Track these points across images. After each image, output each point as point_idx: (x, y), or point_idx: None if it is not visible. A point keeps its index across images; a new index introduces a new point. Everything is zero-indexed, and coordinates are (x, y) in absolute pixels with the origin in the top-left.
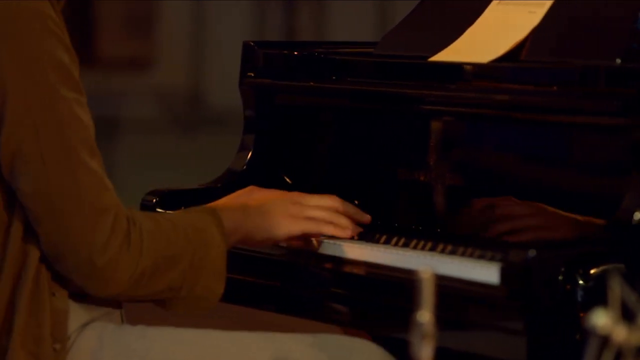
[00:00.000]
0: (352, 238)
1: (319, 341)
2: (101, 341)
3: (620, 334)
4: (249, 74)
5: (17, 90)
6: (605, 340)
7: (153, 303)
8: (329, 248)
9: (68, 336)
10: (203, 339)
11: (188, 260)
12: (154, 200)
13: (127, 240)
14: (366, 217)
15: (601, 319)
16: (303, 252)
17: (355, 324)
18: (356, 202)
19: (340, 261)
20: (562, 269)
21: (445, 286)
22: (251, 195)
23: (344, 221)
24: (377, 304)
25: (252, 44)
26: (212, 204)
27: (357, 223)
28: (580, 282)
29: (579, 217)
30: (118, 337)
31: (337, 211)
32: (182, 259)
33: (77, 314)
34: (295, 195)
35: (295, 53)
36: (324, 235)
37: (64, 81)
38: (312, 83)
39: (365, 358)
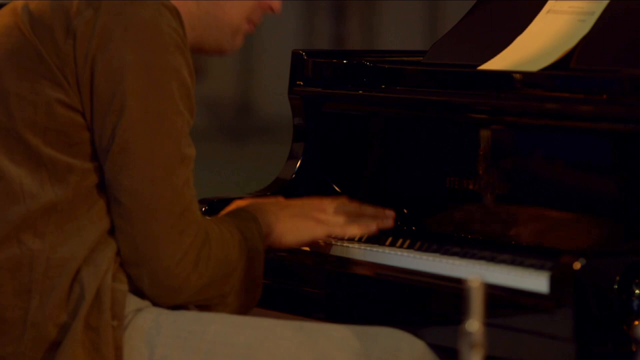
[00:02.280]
0: (398, 246)
1: (367, 331)
2: (157, 322)
3: None
4: (298, 82)
5: (142, 92)
6: None
7: (195, 306)
8: (377, 256)
9: (125, 315)
10: (258, 323)
11: (239, 270)
12: (203, 209)
13: (199, 256)
14: (390, 219)
15: None
16: (351, 260)
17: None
18: (405, 210)
19: (389, 269)
20: (618, 278)
21: (495, 295)
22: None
23: (366, 218)
24: (426, 312)
25: (301, 52)
26: (247, 206)
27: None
28: (637, 291)
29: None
30: (174, 319)
31: (357, 211)
32: (235, 269)
33: (132, 300)
34: (316, 200)
35: (345, 62)
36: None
37: (183, 99)
38: (361, 92)
39: (410, 348)
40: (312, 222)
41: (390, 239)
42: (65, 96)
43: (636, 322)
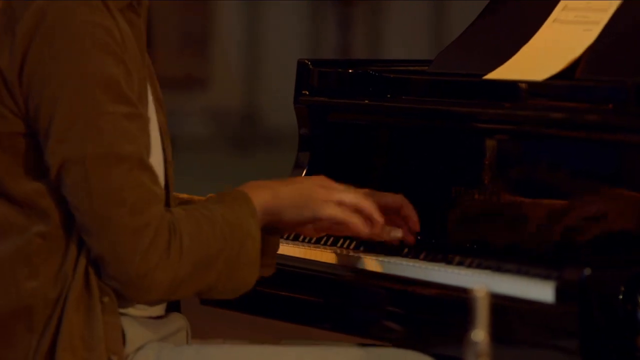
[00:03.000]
0: (403, 255)
1: (373, 351)
2: (159, 359)
3: None
4: (303, 92)
5: (64, 106)
6: None
7: None
8: (383, 266)
9: (127, 355)
10: (258, 355)
11: (224, 258)
12: None
13: (167, 252)
14: (380, 219)
15: None
16: (357, 270)
17: (409, 343)
18: None
19: (394, 279)
20: (622, 289)
21: (500, 304)
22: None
23: (369, 210)
24: (431, 322)
25: (307, 62)
26: (243, 186)
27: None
28: None
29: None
30: (175, 354)
31: (362, 200)
32: (218, 259)
33: (140, 334)
34: (324, 179)
35: (350, 71)
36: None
37: (111, 96)
38: (366, 101)
39: None
40: (314, 199)
41: (394, 248)
42: (5, 125)
43: None
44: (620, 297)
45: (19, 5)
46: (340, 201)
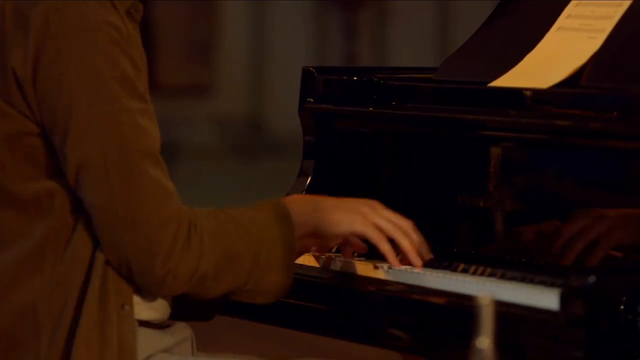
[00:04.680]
0: (407, 262)
1: None
2: None
3: None
4: (308, 99)
5: (82, 104)
6: None
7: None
8: (389, 273)
9: None
10: None
11: (251, 258)
12: None
13: (187, 246)
14: (427, 255)
15: None
16: (362, 277)
17: (414, 350)
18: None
19: (399, 286)
20: (624, 298)
21: (505, 312)
22: None
23: (405, 244)
24: (437, 329)
25: (312, 69)
26: (288, 197)
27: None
28: None
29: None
30: None
31: (405, 233)
32: (245, 258)
33: (145, 344)
34: (373, 201)
35: (355, 79)
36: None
37: (127, 92)
38: (371, 109)
39: None
40: (354, 214)
41: (400, 256)
42: (13, 124)
43: None
44: (622, 306)
45: (27, 4)
46: (378, 225)
